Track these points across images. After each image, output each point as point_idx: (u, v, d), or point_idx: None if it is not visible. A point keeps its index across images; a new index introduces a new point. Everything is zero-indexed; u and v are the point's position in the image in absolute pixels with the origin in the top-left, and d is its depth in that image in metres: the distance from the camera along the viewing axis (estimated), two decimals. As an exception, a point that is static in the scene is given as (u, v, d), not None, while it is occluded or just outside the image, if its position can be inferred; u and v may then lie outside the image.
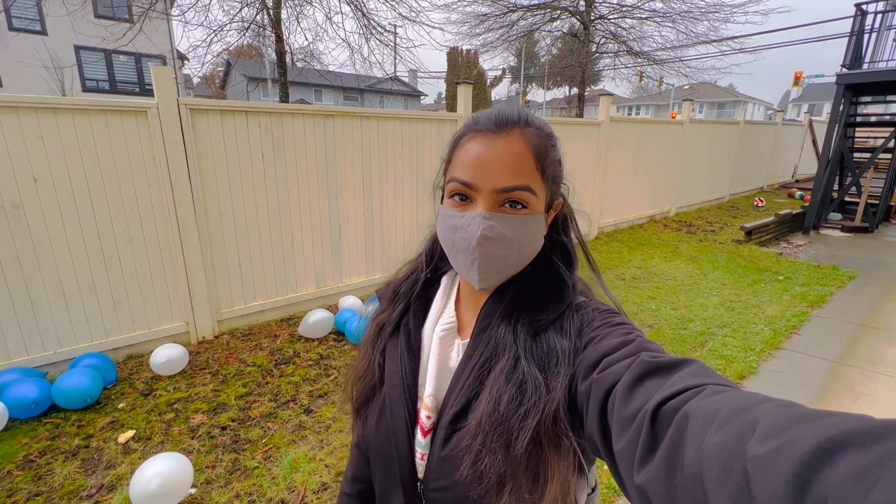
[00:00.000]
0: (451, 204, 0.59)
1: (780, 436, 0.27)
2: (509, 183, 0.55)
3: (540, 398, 0.51)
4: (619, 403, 0.41)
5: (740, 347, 3.51)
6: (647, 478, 0.34)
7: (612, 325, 0.53)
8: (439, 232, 0.62)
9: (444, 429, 0.57)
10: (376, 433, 0.64)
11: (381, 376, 0.66)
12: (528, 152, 0.56)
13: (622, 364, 0.44)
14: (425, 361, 0.63)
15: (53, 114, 2.63)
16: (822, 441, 0.25)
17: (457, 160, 0.59)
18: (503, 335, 0.57)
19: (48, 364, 2.80)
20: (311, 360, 3.18)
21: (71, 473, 2.11)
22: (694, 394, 0.36)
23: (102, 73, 14.58)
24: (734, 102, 38.04)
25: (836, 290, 4.88)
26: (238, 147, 3.34)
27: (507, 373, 0.54)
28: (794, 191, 11.71)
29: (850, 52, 7.42)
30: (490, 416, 0.52)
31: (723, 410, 0.32)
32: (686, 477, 0.31)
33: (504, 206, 0.56)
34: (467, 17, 10.84)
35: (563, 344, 0.54)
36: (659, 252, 6.19)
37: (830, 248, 6.94)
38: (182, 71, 14.35)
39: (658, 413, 0.36)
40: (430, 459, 0.58)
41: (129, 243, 2.99)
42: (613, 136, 6.65)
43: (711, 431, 0.31)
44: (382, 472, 0.65)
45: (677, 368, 0.41)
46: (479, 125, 0.58)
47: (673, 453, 0.33)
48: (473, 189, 0.56)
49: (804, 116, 14.27)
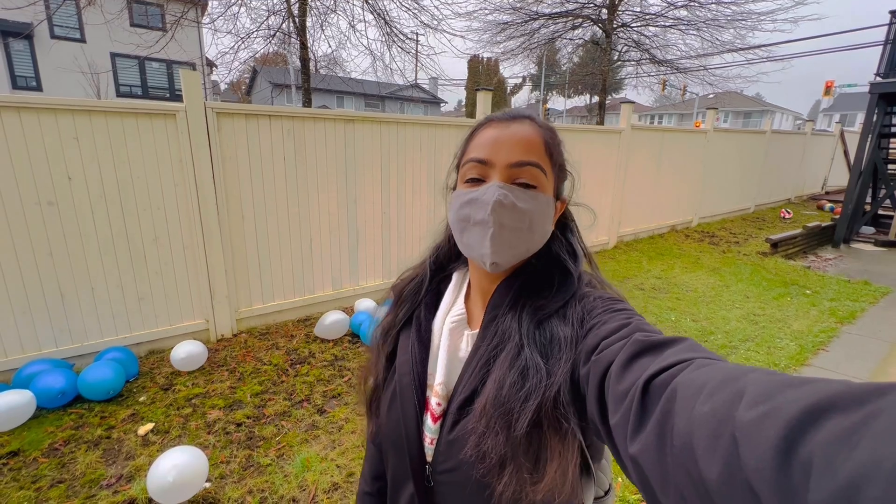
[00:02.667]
0: (465, 186, 0.62)
1: (767, 402, 0.27)
2: (522, 157, 0.58)
3: (541, 382, 0.53)
4: (614, 381, 0.42)
5: (764, 362, 3.39)
6: (640, 448, 0.36)
7: (612, 311, 0.55)
8: (451, 215, 0.64)
9: (453, 414, 0.59)
10: (388, 419, 0.66)
11: (386, 374, 0.69)
12: (539, 137, 0.60)
13: (618, 345, 0.46)
14: (435, 352, 0.66)
15: (88, 116, 2.75)
16: (807, 405, 0.25)
17: (471, 147, 0.62)
18: (509, 324, 0.59)
19: (75, 356, 2.91)
20: (325, 360, 3.22)
21: (92, 463, 2.18)
22: (683, 367, 0.37)
23: (136, 79, 15.19)
24: (761, 112, 37.10)
25: (868, 305, 4.68)
26: (261, 150, 3.42)
27: (510, 360, 0.56)
28: (823, 203, 11.33)
29: (884, 60, 7.18)
30: (493, 400, 0.54)
31: (711, 381, 0.33)
32: (677, 445, 0.32)
33: (517, 184, 0.59)
34: (489, 26, 10.90)
35: (566, 332, 0.56)
36: (680, 262, 6.05)
37: (862, 262, 6.67)
38: (210, 77, 14.83)
39: (649, 386, 0.38)
40: (438, 443, 0.60)
41: (154, 242, 3.09)
42: (634, 144, 6.56)
43: (700, 401, 0.32)
44: (394, 458, 0.67)
45: (668, 345, 0.42)
46: (492, 119, 0.63)
47: (663, 423, 0.34)
48: (488, 165, 0.59)
49: (835, 126, 13.81)
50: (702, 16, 9.92)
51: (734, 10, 9.68)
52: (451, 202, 0.65)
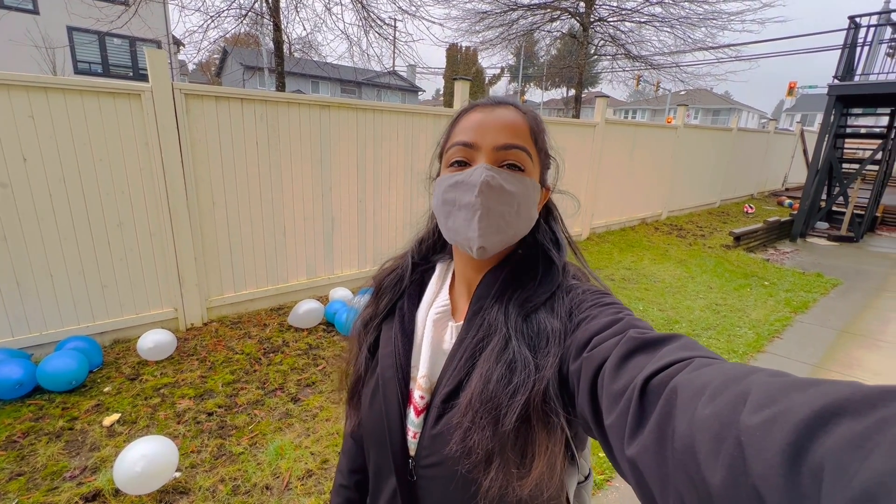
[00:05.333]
0: (451, 170, 0.61)
1: (773, 405, 0.27)
2: (508, 140, 0.58)
3: (529, 377, 0.52)
4: (608, 380, 0.41)
5: (724, 350, 3.57)
6: (638, 450, 0.35)
7: (602, 305, 0.54)
8: (436, 200, 0.63)
9: (437, 408, 0.58)
10: (370, 413, 0.65)
11: (367, 366, 0.67)
12: (524, 121, 0.60)
13: (611, 342, 0.45)
14: (419, 344, 0.64)
15: (45, 93, 2.60)
16: (816, 409, 0.24)
17: (456, 131, 0.62)
18: (495, 316, 0.58)
19: (33, 346, 2.78)
20: (299, 349, 3.19)
21: (54, 455, 2.10)
22: (682, 367, 0.36)
23: (95, 56, 14.33)
24: (729, 109, 38.41)
25: (820, 296, 4.98)
26: (232, 134, 3.32)
27: (497, 353, 0.55)
28: (783, 199, 11.89)
29: (842, 64, 7.54)
30: (480, 394, 0.53)
31: (713, 382, 0.32)
32: (678, 448, 0.31)
33: (503, 167, 0.58)
34: (467, 14, 10.83)
35: (554, 325, 0.55)
36: (649, 254, 6.26)
37: (816, 256, 7.06)
38: (177, 56, 14.16)
39: (647, 387, 0.37)
40: (421, 437, 0.59)
41: (118, 227, 2.97)
42: (608, 137, 6.70)
43: (703, 403, 0.31)
44: (376, 452, 0.66)
45: (664, 343, 0.41)
46: (477, 104, 0.62)
47: (663, 426, 0.33)
48: (474, 148, 0.58)
49: (796, 126, 14.48)
50: (675, 13, 10.15)
51: (706, 8, 9.95)
52: (434, 188, 0.64)
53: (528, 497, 0.54)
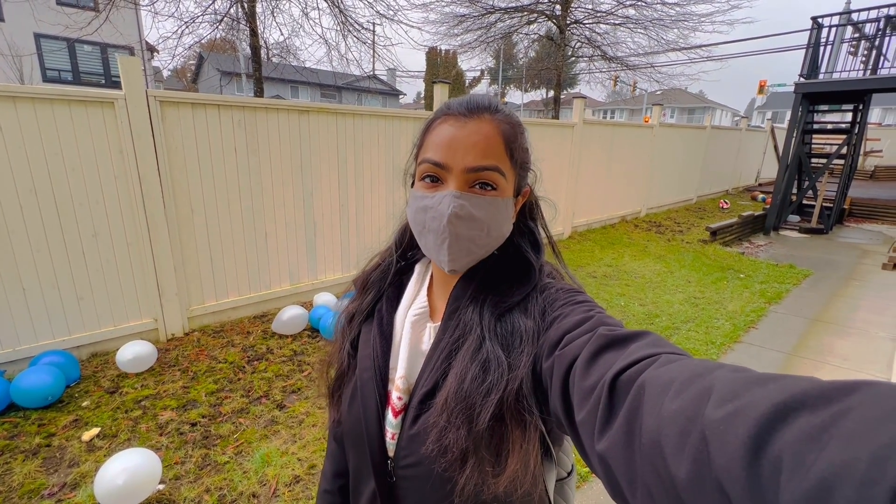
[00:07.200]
0: (422, 186, 0.60)
1: (736, 400, 0.27)
2: (479, 162, 0.56)
3: (502, 376, 0.53)
4: (579, 376, 0.42)
5: (703, 341, 3.68)
6: (607, 445, 0.35)
7: (574, 303, 0.55)
8: (410, 215, 0.63)
9: (414, 408, 0.58)
10: (349, 415, 0.65)
11: (350, 362, 0.68)
12: (498, 136, 0.57)
13: (582, 339, 0.46)
14: (397, 345, 0.65)
15: (13, 102, 2.53)
16: (776, 404, 0.25)
17: (428, 142, 0.60)
18: (470, 317, 0.59)
19: (6, 362, 2.70)
20: (284, 356, 3.17)
21: (31, 472, 2.05)
22: (649, 363, 0.37)
23: (65, 63, 13.96)
24: (703, 108, 39.42)
25: (792, 287, 5.16)
26: (210, 141, 3.29)
27: (472, 353, 0.55)
28: (756, 194, 12.26)
29: (807, 63, 7.84)
30: (455, 394, 0.53)
31: (678, 378, 0.33)
32: (645, 443, 0.32)
33: (474, 188, 0.57)
34: (445, 18, 10.90)
35: (527, 324, 0.56)
36: (629, 251, 6.39)
37: (788, 248, 7.31)
38: (151, 63, 13.87)
39: (616, 383, 0.37)
40: (400, 438, 0.60)
41: (93, 238, 2.90)
42: (587, 137, 6.82)
43: (669, 398, 0.32)
44: (355, 454, 0.66)
45: (633, 340, 0.42)
46: (451, 110, 0.59)
47: (631, 421, 0.34)
48: (444, 168, 0.57)
49: (767, 123, 14.93)
50: (648, 15, 10.42)
51: (678, 10, 10.25)
52: (409, 199, 0.64)
53: (503, 494, 0.55)
